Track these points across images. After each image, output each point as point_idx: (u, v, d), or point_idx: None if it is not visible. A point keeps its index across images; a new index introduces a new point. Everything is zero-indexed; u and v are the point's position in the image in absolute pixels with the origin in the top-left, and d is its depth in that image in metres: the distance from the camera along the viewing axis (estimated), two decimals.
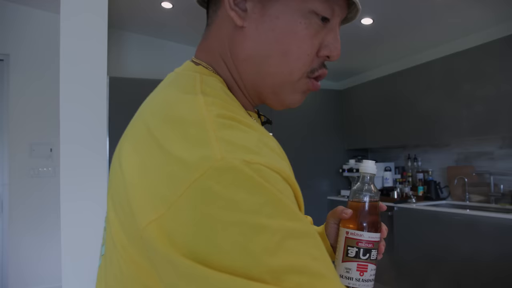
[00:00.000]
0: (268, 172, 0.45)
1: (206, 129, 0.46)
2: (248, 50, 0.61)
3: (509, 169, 3.62)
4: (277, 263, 0.40)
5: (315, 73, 0.63)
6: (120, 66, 4.51)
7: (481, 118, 3.43)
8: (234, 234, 0.40)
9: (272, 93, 0.64)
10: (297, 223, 0.44)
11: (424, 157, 4.52)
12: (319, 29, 0.60)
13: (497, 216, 3.01)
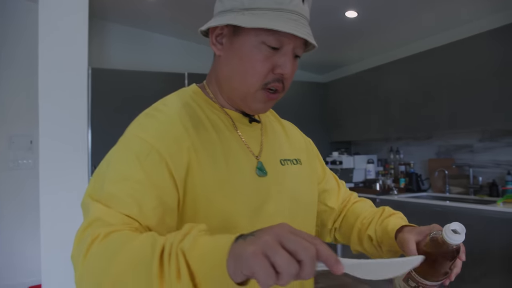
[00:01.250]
0: (140, 142, 0.78)
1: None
2: (222, 72, 0.89)
3: (488, 161, 3.68)
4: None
5: (268, 85, 0.84)
6: (103, 57, 4.44)
7: (461, 111, 3.48)
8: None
9: (241, 101, 0.89)
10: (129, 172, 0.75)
11: (406, 150, 4.57)
12: (270, 55, 0.82)
13: (476, 207, 3.07)
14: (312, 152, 1.12)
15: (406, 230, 0.87)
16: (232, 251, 0.54)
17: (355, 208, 1.10)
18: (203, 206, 0.79)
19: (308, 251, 0.51)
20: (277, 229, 0.54)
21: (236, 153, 0.87)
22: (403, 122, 4.08)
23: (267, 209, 0.87)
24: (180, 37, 4.74)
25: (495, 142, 3.62)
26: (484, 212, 2.98)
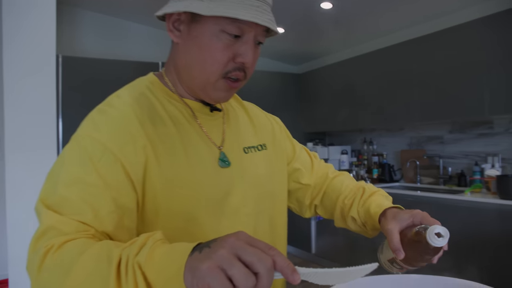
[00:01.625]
0: (93, 142, 0.74)
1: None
2: (181, 60, 0.85)
3: (457, 152, 3.77)
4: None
5: (229, 74, 0.81)
6: (74, 45, 4.31)
7: (432, 104, 3.55)
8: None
9: (201, 91, 0.85)
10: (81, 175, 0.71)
11: (379, 141, 4.64)
12: (231, 43, 0.79)
13: (445, 196, 3.15)
14: (279, 132, 1.08)
15: (389, 217, 0.86)
16: (188, 264, 0.52)
17: (334, 184, 1.08)
18: (164, 205, 0.77)
19: (264, 262, 0.50)
20: (234, 240, 0.53)
21: (197, 145, 0.84)
22: (376, 114, 4.13)
23: (231, 201, 0.85)
24: (154, 26, 4.65)
25: (464, 134, 3.70)
26: (452, 201, 3.06)
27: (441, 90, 3.46)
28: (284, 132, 1.10)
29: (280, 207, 1.00)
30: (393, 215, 0.86)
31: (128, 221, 0.73)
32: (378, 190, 1.01)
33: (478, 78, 3.17)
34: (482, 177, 3.35)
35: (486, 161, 3.46)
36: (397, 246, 0.79)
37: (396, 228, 0.81)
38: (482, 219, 2.85)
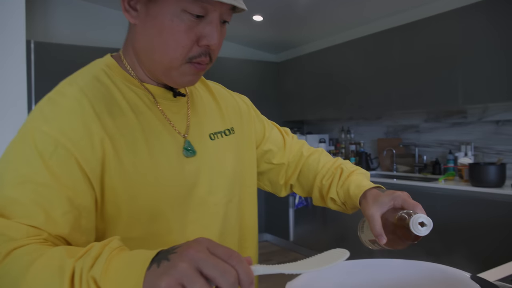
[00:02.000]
0: (43, 137, 0.67)
1: None
2: (139, 43, 0.76)
3: (432, 141, 3.85)
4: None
5: (194, 60, 0.74)
6: (48, 30, 4.19)
7: (408, 93, 3.60)
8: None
9: (164, 75, 0.77)
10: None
11: (356, 130, 4.69)
12: (194, 24, 0.71)
13: (420, 184, 3.22)
14: (248, 112, 1.01)
15: (369, 200, 0.84)
16: (147, 280, 0.49)
17: (310, 163, 1.03)
18: (125, 201, 0.71)
19: (227, 277, 0.48)
20: (194, 252, 0.49)
21: (159, 135, 0.78)
22: (354, 103, 4.16)
23: (198, 192, 0.81)
24: None
25: (439, 123, 3.78)
26: (427, 189, 3.13)
27: (417, 79, 3.51)
28: (252, 112, 1.04)
29: (249, 194, 0.96)
30: (373, 198, 0.83)
31: (85, 221, 0.68)
32: (356, 168, 0.98)
33: (453, 68, 3.22)
34: (456, 165, 3.43)
35: (459, 149, 3.54)
36: (379, 232, 0.78)
37: (377, 213, 0.80)
38: (455, 206, 2.93)
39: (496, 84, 2.94)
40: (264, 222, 5.05)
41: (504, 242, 2.60)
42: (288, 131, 1.12)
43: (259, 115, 1.06)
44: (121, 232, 0.71)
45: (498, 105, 3.27)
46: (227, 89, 1.03)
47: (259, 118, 1.06)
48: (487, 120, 3.40)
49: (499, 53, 2.93)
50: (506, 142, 3.29)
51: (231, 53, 5.14)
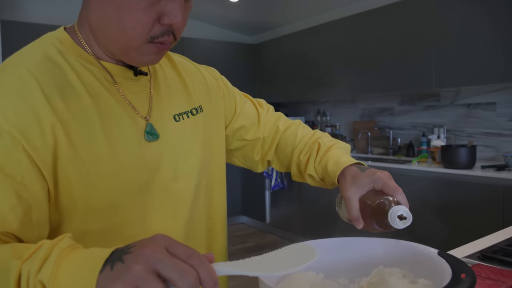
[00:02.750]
0: None
1: None
2: (94, 19, 0.69)
3: (406, 124, 3.91)
4: None
5: (156, 40, 0.67)
6: (16, 8, 4.03)
7: (383, 76, 3.62)
8: None
9: (122, 54, 0.70)
10: None
11: (332, 112, 4.71)
12: (154, 1, 0.64)
13: (394, 166, 3.27)
14: (217, 87, 0.94)
15: (348, 180, 0.79)
16: (99, 284, 0.46)
17: (287, 137, 0.98)
18: (81, 192, 0.66)
19: (187, 278, 0.45)
20: (150, 252, 0.45)
21: (118, 119, 0.71)
22: (330, 85, 4.17)
23: (160, 179, 0.75)
24: None
25: (413, 106, 3.83)
26: (401, 171, 3.18)
27: (392, 63, 3.54)
28: (222, 86, 0.96)
29: (218, 176, 0.91)
30: (352, 178, 0.79)
31: (37, 215, 0.63)
32: (335, 142, 0.93)
33: (427, 52, 3.25)
34: (429, 147, 3.49)
35: (432, 132, 3.61)
36: (356, 216, 0.75)
37: (355, 196, 0.76)
38: (428, 187, 2.99)
39: (468, 68, 2.99)
40: (241, 205, 5.06)
41: (473, 221, 2.67)
42: (263, 103, 1.05)
43: (229, 88, 0.99)
44: (78, 223, 0.67)
45: (469, 89, 3.33)
46: (193, 62, 0.95)
47: (230, 92, 0.98)
48: (459, 104, 3.46)
49: (471, 37, 2.96)
50: (476, 125, 3.36)
51: (205, 35, 5.07)
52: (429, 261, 0.66)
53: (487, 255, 1.03)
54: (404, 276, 0.69)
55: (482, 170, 2.82)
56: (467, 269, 0.57)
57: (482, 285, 0.79)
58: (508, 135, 3.18)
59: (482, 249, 1.07)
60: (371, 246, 0.77)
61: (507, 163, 2.83)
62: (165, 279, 0.45)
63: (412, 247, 0.73)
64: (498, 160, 3.17)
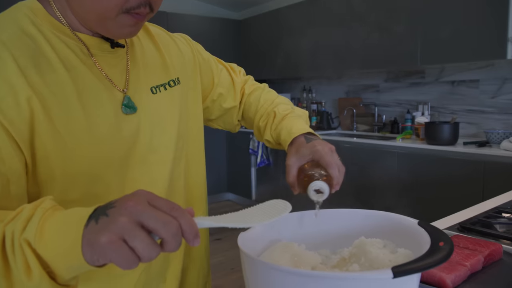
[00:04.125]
0: None
1: None
2: None
3: (391, 101, 3.92)
4: None
5: (132, 11, 0.65)
6: None
7: (369, 52, 3.61)
8: None
9: (98, 26, 0.68)
10: None
11: (318, 89, 4.71)
12: None
13: (379, 143, 3.30)
14: (192, 59, 0.93)
15: (293, 149, 0.83)
16: (86, 237, 0.47)
17: (251, 101, 1.02)
18: (59, 164, 0.66)
19: (169, 228, 0.47)
20: (133, 205, 0.47)
21: (95, 91, 0.70)
22: (316, 61, 4.15)
23: (138, 151, 0.75)
24: None
25: (398, 83, 3.84)
26: (386, 147, 3.21)
27: (378, 39, 3.52)
28: (198, 57, 0.96)
29: (196, 149, 0.92)
30: (296, 148, 0.83)
31: (15, 187, 0.63)
32: (290, 112, 0.94)
33: (412, 28, 3.24)
34: (413, 124, 3.52)
35: (417, 109, 3.63)
36: (292, 183, 0.80)
37: (295, 164, 0.80)
38: (412, 163, 3.03)
39: (453, 45, 2.99)
40: (227, 182, 5.08)
41: (455, 195, 2.73)
42: (235, 67, 1.08)
43: (205, 58, 0.98)
44: (57, 195, 0.66)
45: (454, 66, 3.35)
46: (168, 33, 0.93)
47: (206, 63, 0.98)
48: (444, 81, 3.48)
49: (456, 14, 2.96)
50: (460, 102, 3.40)
51: (190, 10, 4.98)
52: (409, 231, 0.67)
53: (466, 227, 1.05)
54: (384, 246, 0.70)
55: (464, 146, 2.86)
56: (445, 237, 0.57)
57: (460, 255, 0.80)
58: (490, 112, 3.22)
59: (461, 221, 1.09)
60: (353, 217, 0.78)
61: (488, 139, 2.87)
62: (149, 230, 0.47)
63: (392, 218, 0.73)
64: (480, 137, 3.22)
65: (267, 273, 0.56)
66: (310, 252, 0.72)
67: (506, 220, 1.11)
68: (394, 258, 0.64)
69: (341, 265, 0.70)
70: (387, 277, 0.49)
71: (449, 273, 0.74)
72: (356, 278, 0.51)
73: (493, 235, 1.00)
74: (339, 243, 0.76)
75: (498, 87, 3.15)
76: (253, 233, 0.71)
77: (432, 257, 0.52)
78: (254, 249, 0.69)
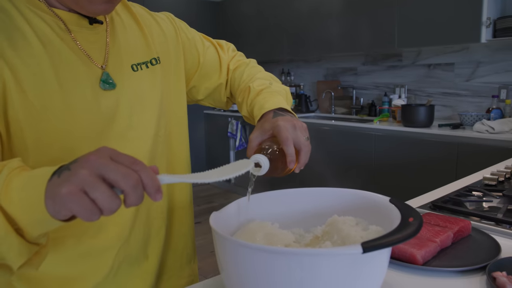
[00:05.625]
0: None
1: None
2: None
3: (369, 84, 3.95)
4: None
5: None
6: None
7: (347, 36, 3.61)
8: None
9: (72, 2, 0.69)
10: None
11: (296, 72, 4.70)
12: None
13: (357, 125, 3.33)
14: (175, 38, 0.92)
15: (258, 124, 0.82)
16: (48, 190, 0.48)
17: (235, 77, 1.00)
18: (32, 137, 0.66)
19: (129, 179, 0.47)
20: (95, 158, 0.48)
21: (72, 66, 0.70)
22: (295, 44, 4.14)
23: (117, 127, 0.75)
24: None
25: (376, 66, 3.86)
26: (363, 129, 3.24)
27: (356, 22, 3.53)
28: (182, 36, 0.95)
29: (178, 128, 0.92)
30: (261, 123, 0.81)
31: None
32: (266, 87, 0.92)
33: (390, 11, 3.25)
34: (390, 106, 3.56)
35: (394, 92, 3.67)
36: (249, 154, 0.76)
37: (256, 139, 0.78)
38: (388, 145, 3.07)
39: (429, 28, 3.02)
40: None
41: (430, 176, 2.78)
42: (223, 44, 1.06)
43: (190, 37, 0.97)
44: (32, 165, 0.65)
45: (430, 49, 3.38)
46: (150, 12, 0.92)
47: (191, 41, 0.97)
48: (420, 64, 3.52)
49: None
50: (435, 85, 3.44)
51: None
52: (380, 208, 0.68)
53: (437, 205, 1.07)
54: (357, 223, 0.70)
55: (439, 128, 2.91)
56: (415, 213, 0.58)
57: (431, 231, 0.82)
58: (464, 95, 3.27)
59: (433, 200, 1.12)
60: (326, 196, 0.78)
61: (462, 121, 2.93)
62: (110, 184, 0.48)
63: (365, 196, 0.74)
64: (455, 119, 3.28)
65: (238, 251, 0.56)
66: (284, 231, 0.72)
67: (475, 198, 1.14)
68: (366, 235, 0.65)
69: (314, 243, 0.70)
70: (357, 252, 0.49)
71: (420, 249, 0.75)
72: (326, 254, 0.52)
73: (463, 212, 1.02)
74: (312, 221, 0.76)
75: (472, 71, 3.20)
76: (226, 212, 0.71)
77: (401, 232, 0.52)
78: (228, 228, 0.69)
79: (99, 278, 0.78)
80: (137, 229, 0.82)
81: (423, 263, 0.75)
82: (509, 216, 0.99)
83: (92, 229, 0.75)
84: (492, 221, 0.96)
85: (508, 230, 0.90)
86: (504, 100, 2.99)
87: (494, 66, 3.08)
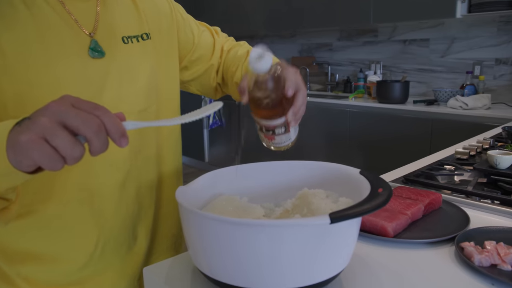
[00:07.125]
0: None
1: None
2: None
3: (344, 60, 3.94)
4: None
5: None
6: None
7: (322, 10, 3.57)
8: None
9: None
10: None
11: (271, 48, 4.54)
12: None
13: (332, 102, 3.32)
14: (170, 17, 0.90)
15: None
16: (9, 140, 0.48)
17: (230, 57, 0.99)
18: (14, 102, 0.64)
19: (90, 125, 0.46)
20: (55, 105, 0.47)
21: (59, 31, 0.68)
22: (269, 19, 4.07)
23: (106, 98, 0.73)
24: None
25: (351, 42, 3.84)
26: (338, 106, 3.24)
27: None
28: (177, 15, 0.93)
29: (169, 105, 0.90)
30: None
31: None
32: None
33: None
34: (365, 83, 3.56)
35: (369, 68, 3.67)
36: (242, 87, 0.71)
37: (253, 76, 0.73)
38: (363, 121, 3.08)
39: (404, 3, 3.00)
40: None
41: (404, 152, 2.81)
42: (218, 30, 1.05)
43: (185, 18, 0.96)
44: None
45: (405, 25, 3.38)
46: None
47: (186, 21, 0.95)
48: (396, 40, 3.51)
49: None
50: (411, 61, 3.45)
51: None
52: (351, 180, 0.66)
53: (409, 179, 1.07)
54: (327, 196, 0.69)
55: (414, 104, 2.92)
56: (384, 184, 0.57)
57: (402, 204, 0.81)
58: (438, 71, 3.30)
59: (406, 174, 1.11)
60: (297, 169, 0.77)
61: (436, 97, 2.95)
62: (72, 131, 0.46)
63: (335, 168, 0.73)
64: (429, 95, 3.31)
65: (204, 223, 0.53)
66: (253, 205, 0.70)
67: (447, 172, 1.15)
68: (336, 207, 0.64)
69: (284, 216, 0.69)
70: (324, 222, 0.47)
71: (391, 221, 0.75)
72: (294, 225, 0.50)
73: (435, 185, 1.02)
74: (282, 195, 0.75)
75: (447, 46, 3.22)
76: (194, 187, 0.68)
77: (370, 202, 0.51)
78: (196, 203, 0.67)
79: (85, 258, 0.76)
80: (125, 205, 0.79)
81: (394, 235, 0.74)
82: (479, 188, 1.00)
83: (74, 202, 0.73)
84: (462, 193, 0.97)
85: (477, 202, 0.91)
86: (478, 76, 3.02)
87: (468, 42, 3.10)
